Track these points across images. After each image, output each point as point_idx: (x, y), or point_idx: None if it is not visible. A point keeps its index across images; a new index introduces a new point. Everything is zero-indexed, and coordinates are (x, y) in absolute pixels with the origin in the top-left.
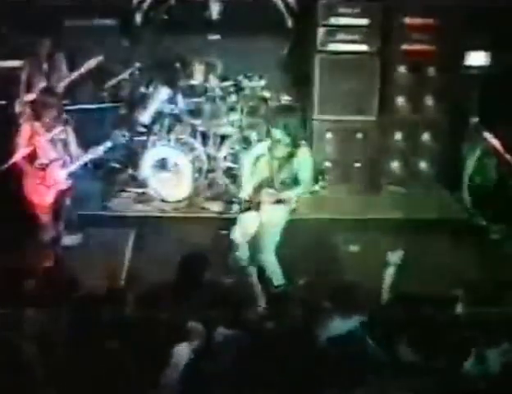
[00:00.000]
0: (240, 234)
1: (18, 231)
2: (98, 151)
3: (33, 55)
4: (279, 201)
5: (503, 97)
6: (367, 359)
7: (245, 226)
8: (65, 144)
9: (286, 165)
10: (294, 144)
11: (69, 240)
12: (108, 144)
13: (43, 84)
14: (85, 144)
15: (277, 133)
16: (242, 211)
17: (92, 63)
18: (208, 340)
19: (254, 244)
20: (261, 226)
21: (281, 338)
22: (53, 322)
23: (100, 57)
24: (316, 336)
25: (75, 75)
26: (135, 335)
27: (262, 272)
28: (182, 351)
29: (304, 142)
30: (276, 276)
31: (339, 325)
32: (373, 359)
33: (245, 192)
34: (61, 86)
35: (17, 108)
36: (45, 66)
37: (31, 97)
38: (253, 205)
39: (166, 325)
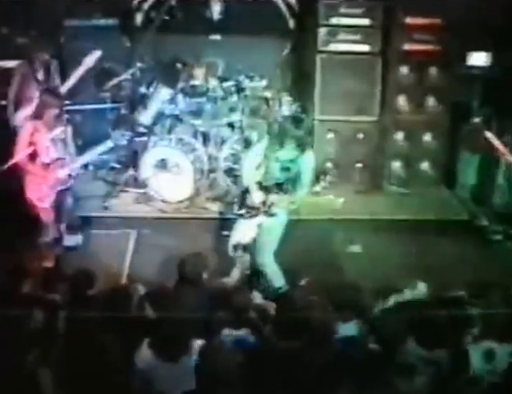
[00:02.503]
0: (237, 240)
1: (18, 231)
2: (99, 151)
3: (31, 56)
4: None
5: (504, 97)
6: (368, 360)
7: (243, 232)
8: (66, 143)
9: (289, 168)
10: (302, 149)
11: (70, 240)
12: (109, 144)
13: (42, 84)
14: (87, 144)
15: (286, 141)
16: (247, 217)
17: (91, 60)
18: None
19: (253, 247)
20: (262, 230)
21: (281, 339)
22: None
23: (98, 52)
24: (317, 338)
25: (77, 74)
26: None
27: (262, 274)
28: None
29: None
30: (277, 278)
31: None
32: (375, 360)
33: (258, 199)
34: (65, 87)
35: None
36: (41, 67)
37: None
38: (261, 211)
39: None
